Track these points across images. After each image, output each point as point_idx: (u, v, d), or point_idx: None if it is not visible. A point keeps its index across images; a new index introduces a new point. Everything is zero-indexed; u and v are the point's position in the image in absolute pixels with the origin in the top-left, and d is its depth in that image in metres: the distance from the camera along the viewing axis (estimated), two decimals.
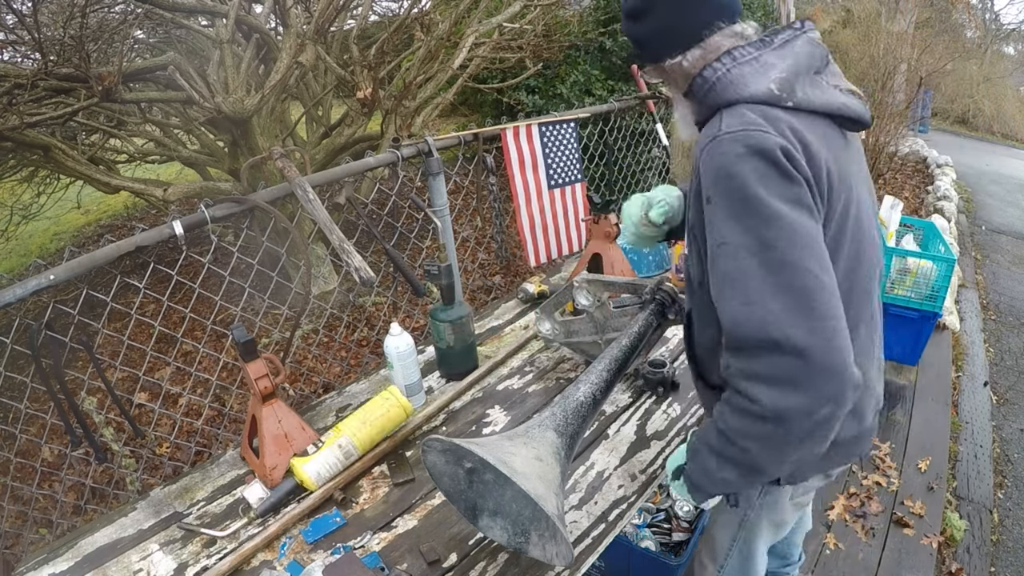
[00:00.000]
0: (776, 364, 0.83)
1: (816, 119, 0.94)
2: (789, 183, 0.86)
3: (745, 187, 0.86)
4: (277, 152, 1.78)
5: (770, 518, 1.26)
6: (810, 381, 0.82)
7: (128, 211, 6.88)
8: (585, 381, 1.17)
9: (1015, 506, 2.59)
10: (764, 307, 0.83)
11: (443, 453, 1.09)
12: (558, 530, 0.94)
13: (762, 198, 0.85)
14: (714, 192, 0.89)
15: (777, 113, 0.90)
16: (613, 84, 5.09)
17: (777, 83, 0.92)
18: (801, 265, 0.84)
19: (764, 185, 0.85)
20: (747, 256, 0.85)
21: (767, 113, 0.90)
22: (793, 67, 0.94)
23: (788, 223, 0.84)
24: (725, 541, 1.37)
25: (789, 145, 0.87)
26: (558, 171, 2.62)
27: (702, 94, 0.97)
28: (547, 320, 1.68)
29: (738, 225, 0.86)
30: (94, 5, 3.40)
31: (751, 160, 0.86)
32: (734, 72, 0.93)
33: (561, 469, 1.03)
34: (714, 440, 0.96)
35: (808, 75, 0.96)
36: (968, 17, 15.41)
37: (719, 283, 0.89)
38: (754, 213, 0.85)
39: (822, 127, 0.95)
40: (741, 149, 0.86)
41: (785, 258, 0.83)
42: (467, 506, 1.15)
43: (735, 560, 1.39)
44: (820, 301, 0.83)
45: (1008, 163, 9.74)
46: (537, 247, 2.66)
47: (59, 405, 1.54)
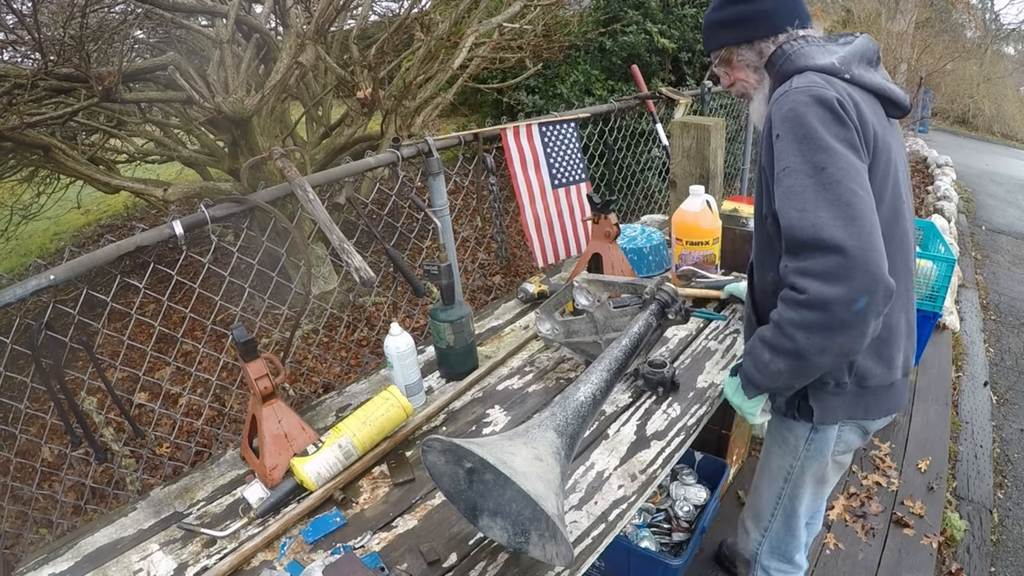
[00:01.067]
0: (821, 261, 1.01)
1: (866, 94, 1.15)
2: (841, 126, 1.06)
3: (807, 125, 1.06)
4: (277, 152, 1.78)
5: (814, 471, 1.39)
6: (849, 275, 0.99)
7: (128, 211, 6.88)
8: (585, 381, 1.17)
9: (1015, 506, 2.59)
10: (815, 214, 1.02)
11: (443, 453, 1.09)
12: (558, 530, 0.94)
13: (820, 133, 1.05)
14: (782, 130, 1.09)
15: (836, 80, 1.12)
16: (613, 84, 5.09)
17: (838, 59, 1.15)
18: (846, 184, 1.02)
19: (823, 124, 1.05)
20: (804, 176, 1.04)
21: (828, 78, 1.12)
22: (851, 53, 1.17)
23: (839, 154, 1.03)
24: (770, 499, 1.50)
25: (844, 99, 1.08)
26: (561, 171, 2.62)
27: (780, 63, 1.20)
28: (547, 320, 1.69)
29: (799, 154, 1.06)
30: (94, 5, 3.40)
31: (813, 106, 1.06)
32: (806, 48, 1.18)
33: (561, 469, 1.03)
34: (769, 333, 1.13)
35: (862, 63, 1.18)
36: (968, 17, 15.41)
37: (781, 198, 1.07)
38: (812, 144, 1.05)
39: (870, 102, 1.15)
40: (805, 98, 1.08)
41: (834, 178, 1.02)
42: (467, 506, 1.15)
43: (779, 521, 1.51)
44: (859, 211, 1.00)
45: (1008, 163, 9.74)
46: (544, 247, 2.65)
47: (59, 405, 1.54)
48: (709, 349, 1.78)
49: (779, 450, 1.43)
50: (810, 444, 1.36)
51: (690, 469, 2.19)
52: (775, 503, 1.49)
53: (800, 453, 1.38)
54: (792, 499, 1.46)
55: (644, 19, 4.91)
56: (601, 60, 5.16)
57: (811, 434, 1.34)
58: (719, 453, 2.30)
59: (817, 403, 1.27)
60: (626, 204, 4.49)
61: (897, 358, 1.25)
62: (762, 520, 1.55)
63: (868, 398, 1.26)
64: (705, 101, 3.83)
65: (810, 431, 1.34)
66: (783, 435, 1.41)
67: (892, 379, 1.25)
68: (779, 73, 1.20)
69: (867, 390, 1.25)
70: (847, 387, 1.24)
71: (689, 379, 1.64)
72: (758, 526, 1.57)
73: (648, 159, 4.57)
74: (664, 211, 4.22)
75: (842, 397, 1.26)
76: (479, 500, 1.14)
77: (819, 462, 1.38)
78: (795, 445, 1.38)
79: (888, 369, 1.24)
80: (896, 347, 1.24)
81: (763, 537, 1.56)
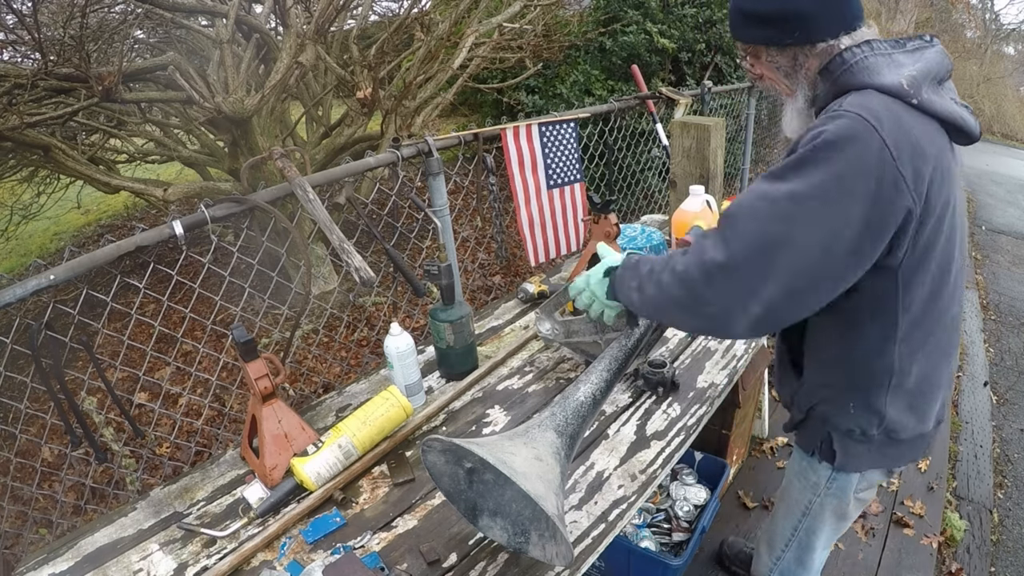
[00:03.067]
0: (723, 273, 0.94)
1: (931, 123, 0.99)
2: (870, 198, 0.91)
3: (821, 158, 0.91)
4: (277, 152, 1.78)
5: (834, 508, 1.32)
6: (722, 294, 0.95)
7: (128, 211, 6.87)
8: (585, 381, 1.17)
9: (1015, 506, 2.59)
10: (746, 240, 0.93)
11: (443, 453, 1.09)
12: (558, 530, 0.94)
13: (823, 172, 0.90)
14: (803, 144, 0.95)
15: (900, 110, 0.95)
16: (613, 84, 5.09)
17: (908, 80, 0.97)
18: (798, 247, 0.91)
19: (854, 177, 0.90)
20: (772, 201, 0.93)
21: (891, 106, 0.95)
22: (923, 70, 0.99)
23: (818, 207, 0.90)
24: (786, 529, 1.43)
25: (896, 148, 0.91)
26: (557, 171, 2.62)
27: (838, 73, 1.02)
28: (547, 320, 1.68)
29: (789, 177, 0.93)
30: (94, 5, 3.40)
31: (858, 146, 0.90)
32: (870, 60, 0.99)
33: (561, 469, 1.03)
34: (654, 262, 1.08)
35: (933, 82, 1.01)
36: (968, 17, 15.42)
37: (749, 201, 0.96)
38: (806, 176, 0.91)
39: (933, 132, 0.99)
40: (848, 132, 0.91)
41: (791, 236, 0.91)
42: (467, 506, 1.15)
43: (793, 551, 1.44)
44: (779, 267, 0.91)
45: (1008, 163, 9.74)
46: (536, 246, 2.66)
47: (59, 405, 1.54)
48: (709, 349, 1.78)
49: (799, 484, 1.36)
50: (831, 483, 1.29)
51: (690, 469, 2.19)
52: (790, 535, 1.42)
53: (820, 491, 1.31)
54: (809, 533, 1.40)
55: (644, 19, 4.91)
56: (601, 60, 5.16)
57: (834, 474, 1.27)
58: (719, 453, 2.30)
59: (841, 449, 1.21)
60: (626, 204, 4.49)
61: (931, 410, 1.18)
62: (775, 549, 1.49)
63: (896, 449, 1.20)
64: (705, 101, 3.83)
65: (833, 472, 1.26)
66: (804, 471, 1.33)
67: (924, 430, 1.19)
68: (835, 84, 1.03)
69: (896, 442, 1.18)
70: (874, 438, 1.17)
71: (689, 379, 1.64)
72: (771, 553, 1.50)
73: (648, 159, 4.57)
74: (664, 211, 4.22)
75: (867, 446, 1.19)
76: (479, 500, 1.14)
77: (840, 500, 1.31)
78: (816, 483, 1.31)
79: (921, 422, 1.17)
80: (933, 399, 1.17)
81: (774, 565, 1.50)
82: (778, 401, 3.06)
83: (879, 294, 1.03)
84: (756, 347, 1.80)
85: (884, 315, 1.06)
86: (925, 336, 1.09)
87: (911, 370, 1.11)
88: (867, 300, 1.04)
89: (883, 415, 1.13)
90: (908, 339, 1.08)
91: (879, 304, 1.04)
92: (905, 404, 1.14)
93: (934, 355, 1.13)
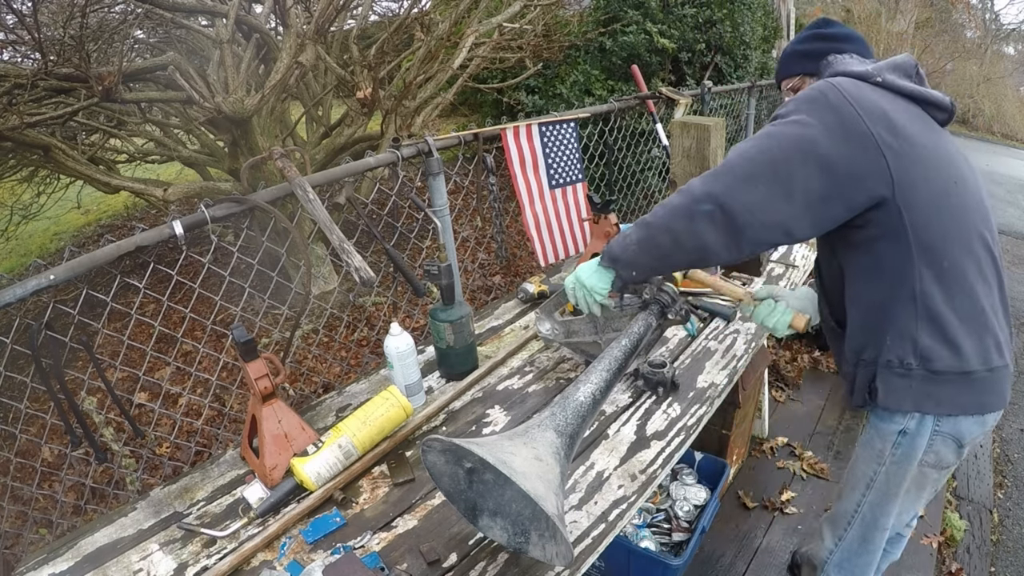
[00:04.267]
0: (717, 175, 1.19)
1: (899, 99, 1.20)
2: (832, 114, 1.14)
3: (807, 103, 1.17)
4: (277, 152, 1.78)
5: (898, 479, 1.35)
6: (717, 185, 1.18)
7: (128, 211, 6.87)
8: (585, 381, 1.17)
9: (1015, 506, 2.59)
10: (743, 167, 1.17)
11: (443, 453, 1.09)
12: (558, 530, 0.94)
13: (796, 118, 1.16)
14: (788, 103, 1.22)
15: (864, 86, 1.19)
16: (613, 84, 5.08)
17: (872, 67, 1.24)
18: (779, 168, 1.14)
19: (814, 110, 1.15)
20: (757, 139, 1.18)
21: (856, 83, 1.19)
22: (886, 64, 1.25)
23: (792, 137, 1.14)
24: (849, 506, 1.46)
25: (851, 96, 1.15)
26: (559, 171, 2.62)
27: (823, 71, 1.32)
28: (547, 320, 1.68)
29: (775, 121, 1.19)
30: (94, 5, 3.40)
31: (824, 93, 1.17)
32: (845, 60, 1.30)
33: (561, 469, 1.03)
34: (650, 212, 1.27)
35: (896, 71, 1.24)
36: (968, 17, 15.42)
37: (752, 139, 1.20)
38: (779, 123, 1.18)
39: (904, 105, 1.20)
40: (822, 87, 1.18)
41: (770, 160, 1.15)
42: (467, 506, 1.15)
43: (855, 531, 1.46)
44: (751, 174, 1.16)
45: (1008, 163, 9.75)
46: (545, 247, 2.66)
47: (59, 405, 1.54)
48: (709, 349, 1.78)
49: (865, 454, 1.39)
50: (896, 449, 1.31)
51: (690, 469, 2.19)
52: (854, 511, 1.44)
53: (885, 459, 1.33)
54: (873, 508, 1.40)
55: (644, 19, 4.91)
56: (601, 60, 5.16)
57: (899, 438, 1.29)
58: (719, 453, 2.30)
59: (883, 384, 1.25)
60: (626, 204, 4.49)
61: (966, 343, 1.19)
62: (838, 527, 1.49)
63: (938, 387, 1.21)
64: (705, 101, 3.83)
65: (898, 436, 1.29)
66: (870, 438, 1.37)
67: (963, 367, 1.20)
68: (820, 78, 1.28)
69: (936, 376, 1.20)
70: (913, 369, 1.21)
71: (689, 379, 1.64)
72: (834, 532, 1.51)
73: (648, 159, 4.57)
74: None
75: (908, 380, 1.22)
76: (479, 500, 1.14)
77: (904, 469, 1.32)
78: (880, 450, 1.33)
79: (957, 355, 1.19)
80: (964, 332, 1.19)
81: (835, 546, 1.51)
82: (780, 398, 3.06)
83: (885, 222, 1.16)
84: (756, 347, 1.80)
85: (896, 241, 1.17)
86: (940, 262, 1.17)
87: (934, 294, 1.17)
88: (878, 231, 1.18)
89: (916, 341, 1.20)
90: (926, 264, 1.17)
91: (889, 232, 1.17)
92: (936, 331, 1.19)
93: (957, 284, 1.18)
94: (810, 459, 2.63)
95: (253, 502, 1.26)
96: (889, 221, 1.16)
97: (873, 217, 1.16)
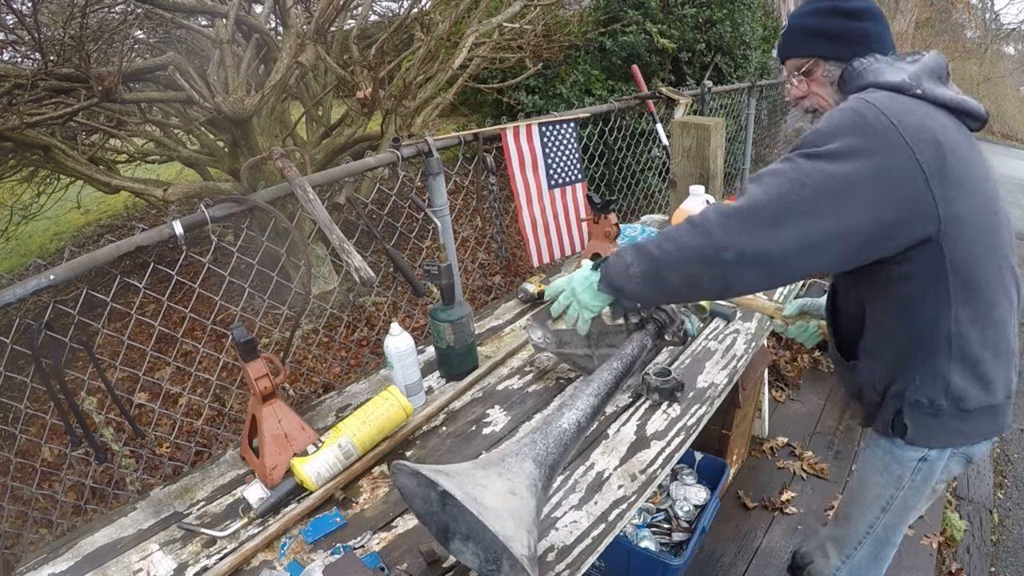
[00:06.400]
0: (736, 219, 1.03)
1: (937, 110, 1.08)
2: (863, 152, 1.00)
3: (835, 134, 1.02)
4: (277, 152, 1.78)
5: (913, 502, 1.33)
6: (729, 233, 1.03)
7: (128, 211, 6.87)
8: (570, 407, 1.10)
9: (1015, 506, 2.59)
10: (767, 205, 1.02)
11: (414, 476, 1.03)
12: (525, 571, 0.87)
13: (833, 151, 1.01)
14: (808, 133, 1.07)
15: (903, 99, 1.06)
16: (613, 84, 5.08)
17: (908, 75, 1.10)
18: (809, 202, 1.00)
19: (852, 134, 1.01)
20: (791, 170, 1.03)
21: (894, 96, 1.06)
22: (922, 69, 1.12)
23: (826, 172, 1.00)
24: (861, 527, 1.42)
25: (894, 116, 1.02)
26: (558, 171, 2.62)
27: (851, 79, 1.18)
28: (539, 328, 1.65)
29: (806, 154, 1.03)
30: (94, 5, 3.40)
31: (852, 117, 1.03)
32: (875, 66, 1.15)
33: (537, 503, 0.97)
34: (646, 240, 1.14)
35: (932, 77, 1.12)
36: (968, 17, 15.42)
37: (763, 172, 1.07)
38: (820, 155, 1.01)
39: (943, 118, 1.07)
40: (858, 107, 1.04)
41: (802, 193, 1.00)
42: (439, 528, 1.09)
43: (867, 550, 1.43)
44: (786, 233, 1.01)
45: (1008, 163, 9.75)
46: (540, 247, 2.66)
47: (59, 405, 1.54)
48: (709, 349, 1.78)
49: (879, 478, 1.34)
50: (916, 475, 1.28)
51: (690, 469, 2.19)
52: (866, 532, 1.41)
53: (905, 483, 1.30)
54: (887, 529, 1.39)
55: (644, 19, 4.91)
56: (601, 60, 5.16)
57: (919, 464, 1.26)
58: (719, 453, 2.30)
59: (912, 422, 1.21)
60: (626, 204, 4.49)
61: (997, 379, 1.18)
62: (846, 548, 1.47)
63: (967, 423, 1.19)
64: (705, 101, 3.83)
65: (919, 462, 1.26)
66: (887, 464, 1.31)
67: (992, 401, 1.18)
68: (847, 90, 1.17)
69: (966, 413, 1.18)
70: (943, 409, 1.18)
71: (689, 379, 1.64)
72: (840, 552, 1.48)
73: (648, 159, 4.57)
74: (664, 211, 4.22)
75: (939, 419, 1.19)
76: (451, 523, 1.09)
77: (922, 492, 1.30)
78: (900, 475, 1.29)
79: (987, 391, 1.17)
80: (998, 368, 1.17)
81: (843, 564, 1.48)
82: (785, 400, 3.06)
83: (925, 260, 1.07)
84: (756, 347, 1.80)
85: (934, 281, 1.09)
86: (979, 299, 1.11)
87: (971, 336, 1.13)
88: (915, 268, 1.08)
89: (948, 382, 1.15)
90: (963, 303, 1.10)
91: (927, 270, 1.08)
92: (969, 372, 1.15)
93: (992, 320, 1.14)
94: (810, 459, 2.63)
95: (253, 502, 1.26)
96: (929, 259, 1.07)
97: (912, 255, 1.07)
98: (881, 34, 1.19)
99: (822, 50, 1.22)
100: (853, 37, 1.19)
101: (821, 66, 1.23)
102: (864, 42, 1.18)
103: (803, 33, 1.24)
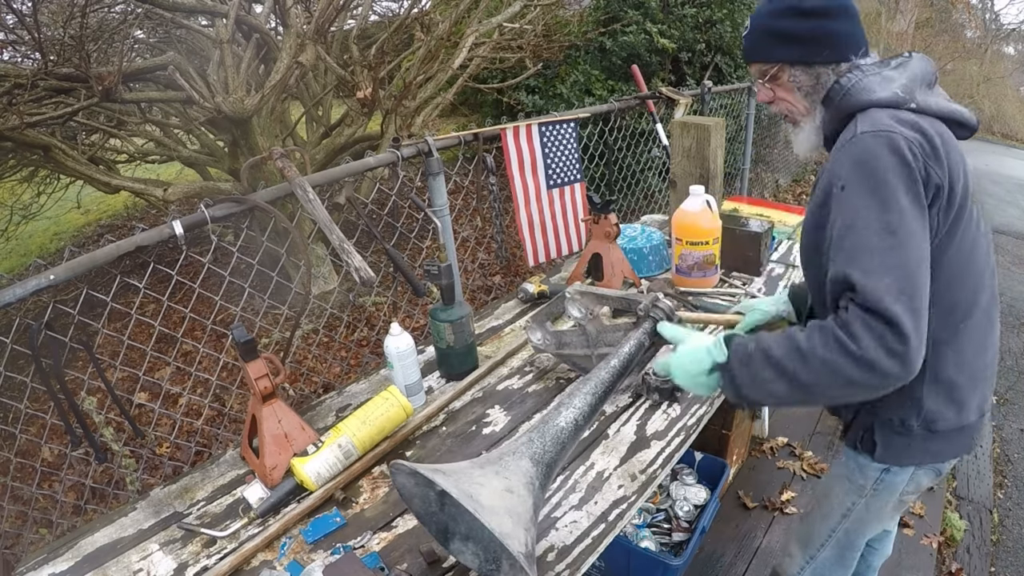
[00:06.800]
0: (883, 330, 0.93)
1: (935, 120, 1.07)
2: (913, 181, 0.99)
3: (879, 179, 0.99)
4: (277, 152, 1.78)
5: (876, 509, 1.32)
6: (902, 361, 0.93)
7: (128, 211, 6.87)
8: (568, 405, 1.10)
9: (1015, 506, 2.59)
10: (881, 280, 0.95)
11: (412, 475, 1.04)
12: (523, 570, 0.87)
13: (893, 190, 0.98)
14: (850, 179, 1.01)
15: (904, 114, 1.05)
16: (613, 84, 5.08)
17: (900, 88, 1.07)
18: (912, 251, 0.97)
19: (897, 179, 0.98)
20: (873, 236, 0.97)
21: (897, 115, 1.04)
22: (911, 79, 1.09)
23: (909, 215, 0.98)
24: (823, 531, 1.42)
25: (913, 142, 1.00)
26: (557, 171, 2.62)
27: (838, 99, 1.12)
28: (538, 329, 1.65)
29: (870, 210, 0.99)
30: (94, 5, 3.40)
31: (887, 157, 0.99)
32: (864, 81, 1.09)
33: (534, 501, 0.97)
34: (783, 354, 1.01)
35: (923, 86, 1.10)
36: (968, 17, 15.43)
37: (845, 258, 1.00)
38: (885, 203, 0.98)
39: (941, 127, 1.06)
40: (879, 148, 1.00)
41: (902, 243, 0.96)
42: (438, 528, 1.09)
43: (829, 551, 1.43)
44: (919, 285, 0.96)
45: (1008, 163, 9.75)
46: (536, 247, 2.66)
47: (59, 405, 1.54)
48: None
49: (843, 486, 1.34)
50: (878, 485, 1.28)
51: (690, 469, 2.19)
52: (827, 535, 1.42)
53: (867, 492, 1.30)
54: (849, 534, 1.39)
55: (644, 19, 4.91)
56: (601, 60, 5.16)
57: (882, 475, 1.26)
58: (719, 453, 2.30)
59: (881, 440, 1.21)
60: (626, 204, 4.49)
61: (971, 400, 1.17)
62: (810, 548, 1.47)
63: (937, 443, 1.19)
64: (705, 101, 3.83)
65: (882, 473, 1.26)
66: (851, 472, 1.31)
67: (964, 422, 1.18)
68: (838, 109, 1.12)
69: (936, 434, 1.17)
70: (913, 430, 1.17)
71: None
72: (804, 552, 1.48)
73: (648, 159, 4.57)
74: (664, 211, 4.22)
75: (908, 439, 1.19)
76: (450, 523, 1.09)
77: (885, 501, 1.31)
78: (862, 484, 1.30)
79: (960, 413, 1.16)
80: (973, 389, 1.17)
81: (807, 564, 1.48)
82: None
83: None
84: None
85: None
86: (957, 324, 1.11)
87: (947, 359, 1.12)
88: None
89: (921, 406, 1.14)
90: (943, 325, 1.09)
91: None
92: (943, 395, 1.14)
93: (970, 343, 1.14)
94: (810, 459, 2.63)
95: (253, 502, 1.26)
96: None
97: None
98: (851, 32, 1.12)
99: (784, 55, 1.15)
100: (816, 39, 1.12)
101: (787, 71, 1.16)
102: (830, 43, 1.12)
103: (763, 36, 1.17)
